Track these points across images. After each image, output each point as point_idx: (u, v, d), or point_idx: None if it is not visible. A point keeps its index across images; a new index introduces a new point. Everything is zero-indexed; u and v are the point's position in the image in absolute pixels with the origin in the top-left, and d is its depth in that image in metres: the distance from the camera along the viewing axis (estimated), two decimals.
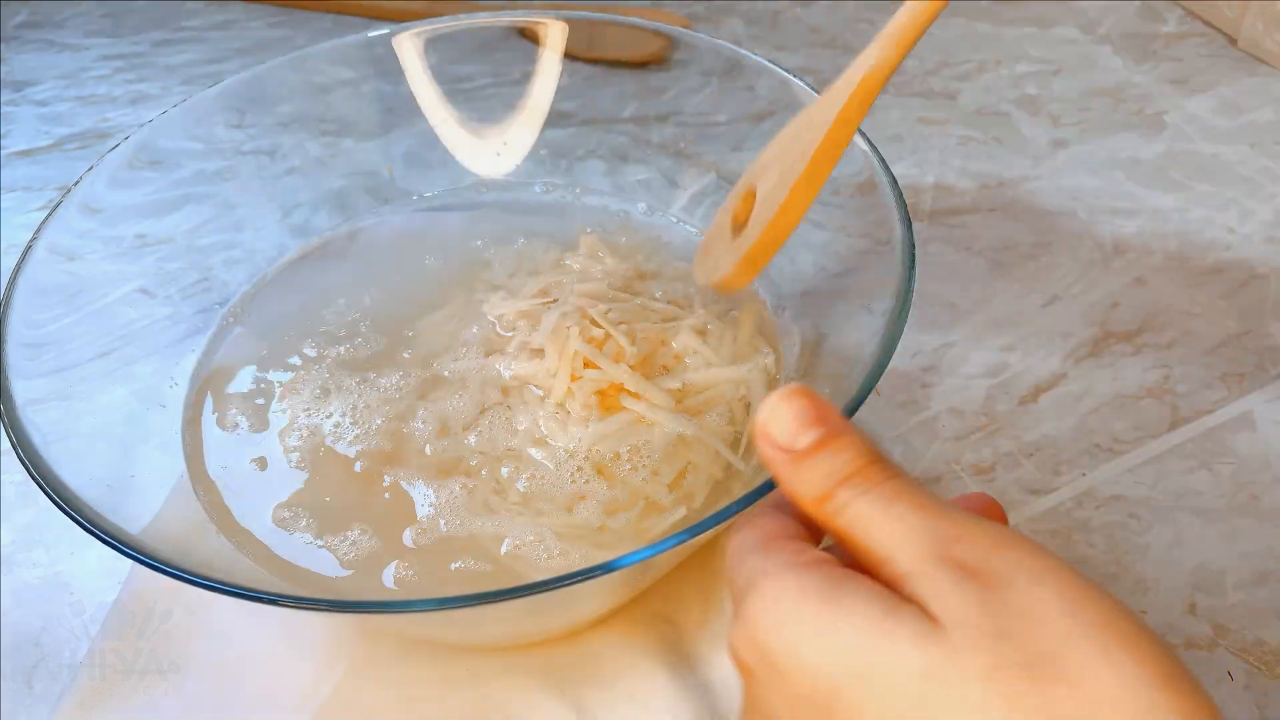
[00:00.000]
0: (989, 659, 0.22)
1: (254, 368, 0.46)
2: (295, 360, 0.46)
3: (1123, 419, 0.49)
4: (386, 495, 0.41)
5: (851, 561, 0.26)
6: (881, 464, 0.26)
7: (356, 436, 0.42)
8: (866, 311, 0.40)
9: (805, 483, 0.26)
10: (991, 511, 0.30)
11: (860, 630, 0.23)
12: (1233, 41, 0.73)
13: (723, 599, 0.41)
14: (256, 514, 0.40)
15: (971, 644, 0.22)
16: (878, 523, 0.25)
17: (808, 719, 0.24)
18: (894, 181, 0.40)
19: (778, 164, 0.40)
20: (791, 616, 0.24)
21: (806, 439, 0.26)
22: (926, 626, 0.23)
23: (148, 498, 0.39)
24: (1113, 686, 0.22)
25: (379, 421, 0.43)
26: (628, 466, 0.40)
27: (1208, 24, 0.75)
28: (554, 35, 0.52)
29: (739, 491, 0.39)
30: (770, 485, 0.30)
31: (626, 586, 0.38)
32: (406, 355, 0.46)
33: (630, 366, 0.42)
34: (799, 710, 0.24)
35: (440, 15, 0.52)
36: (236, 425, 0.43)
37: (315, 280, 0.50)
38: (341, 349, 0.46)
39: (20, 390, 0.37)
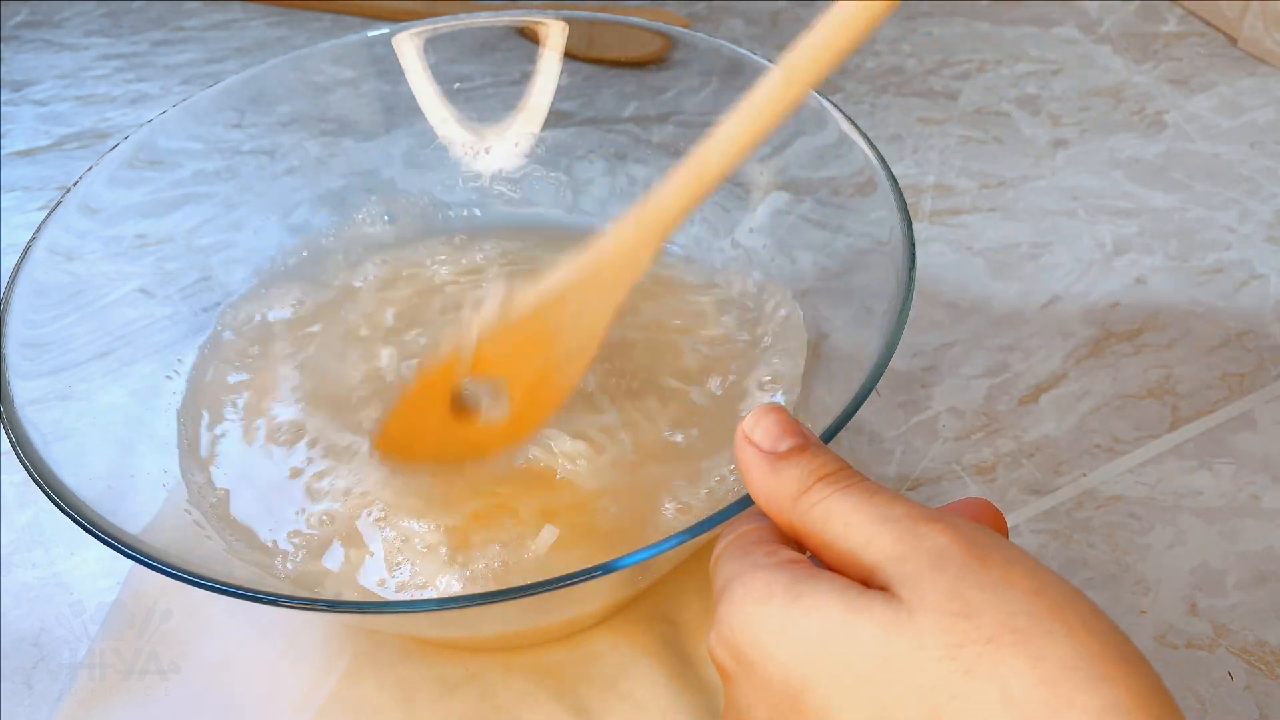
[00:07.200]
0: (954, 638, 0.23)
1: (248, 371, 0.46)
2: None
3: (1123, 419, 0.49)
4: (386, 492, 0.40)
5: (825, 563, 0.26)
6: (855, 471, 0.27)
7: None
8: (866, 311, 0.40)
9: (787, 479, 0.27)
10: (987, 517, 0.30)
11: (824, 623, 0.24)
12: (1233, 41, 0.73)
13: None
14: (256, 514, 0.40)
15: (937, 625, 0.23)
16: (853, 514, 0.26)
17: (781, 715, 0.25)
18: (894, 181, 0.40)
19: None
20: (758, 615, 0.25)
21: (788, 444, 0.28)
22: (893, 614, 0.23)
23: (148, 498, 0.39)
24: (1071, 659, 0.22)
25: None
26: None
27: (1208, 23, 0.75)
28: (554, 35, 0.52)
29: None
30: None
31: (626, 586, 0.38)
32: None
33: None
34: (772, 706, 0.25)
35: (440, 15, 0.52)
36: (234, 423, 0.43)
37: None
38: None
39: (20, 390, 0.37)
